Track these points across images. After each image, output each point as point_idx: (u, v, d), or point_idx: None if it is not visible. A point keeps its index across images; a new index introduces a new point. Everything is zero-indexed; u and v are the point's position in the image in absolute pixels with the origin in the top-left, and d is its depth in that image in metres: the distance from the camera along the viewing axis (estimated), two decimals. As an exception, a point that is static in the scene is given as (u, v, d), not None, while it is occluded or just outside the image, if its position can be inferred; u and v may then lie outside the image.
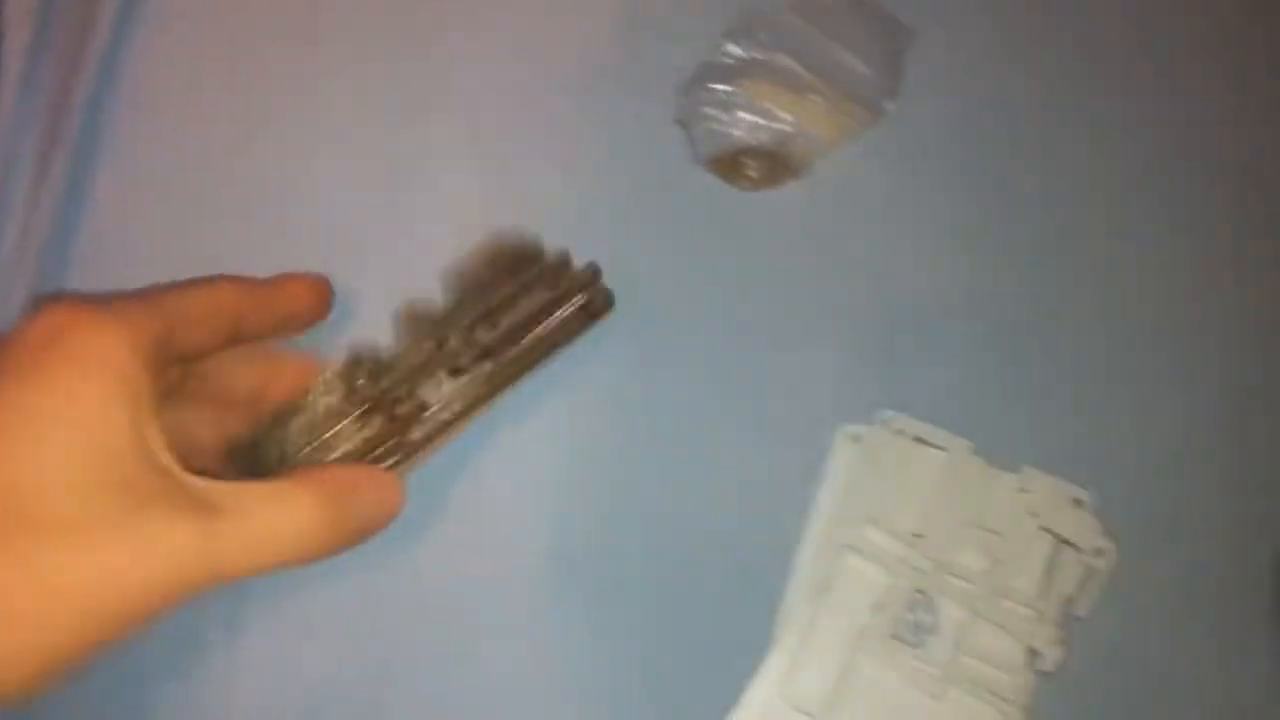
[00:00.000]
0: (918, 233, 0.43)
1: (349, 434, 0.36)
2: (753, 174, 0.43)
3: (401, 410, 0.36)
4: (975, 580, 0.37)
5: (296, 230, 0.42)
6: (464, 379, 0.37)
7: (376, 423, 0.36)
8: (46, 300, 0.30)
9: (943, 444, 0.38)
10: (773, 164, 0.43)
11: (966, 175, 0.43)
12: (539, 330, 0.38)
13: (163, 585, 0.28)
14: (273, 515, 0.30)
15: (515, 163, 0.43)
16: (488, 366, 0.37)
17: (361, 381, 0.36)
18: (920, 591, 0.37)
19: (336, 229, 0.42)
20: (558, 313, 0.38)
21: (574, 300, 0.39)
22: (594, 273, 0.39)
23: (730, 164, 0.43)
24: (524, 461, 0.40)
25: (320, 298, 0.37)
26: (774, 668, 0.36)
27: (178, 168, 0.44)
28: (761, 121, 0.43)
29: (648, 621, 0.38)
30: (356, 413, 0.36)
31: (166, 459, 0.30)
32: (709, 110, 0.43)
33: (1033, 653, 0.36)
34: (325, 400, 0.36)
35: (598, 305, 0.39)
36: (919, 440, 0.39)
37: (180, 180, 0.43)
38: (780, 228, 0.43)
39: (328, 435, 0.36)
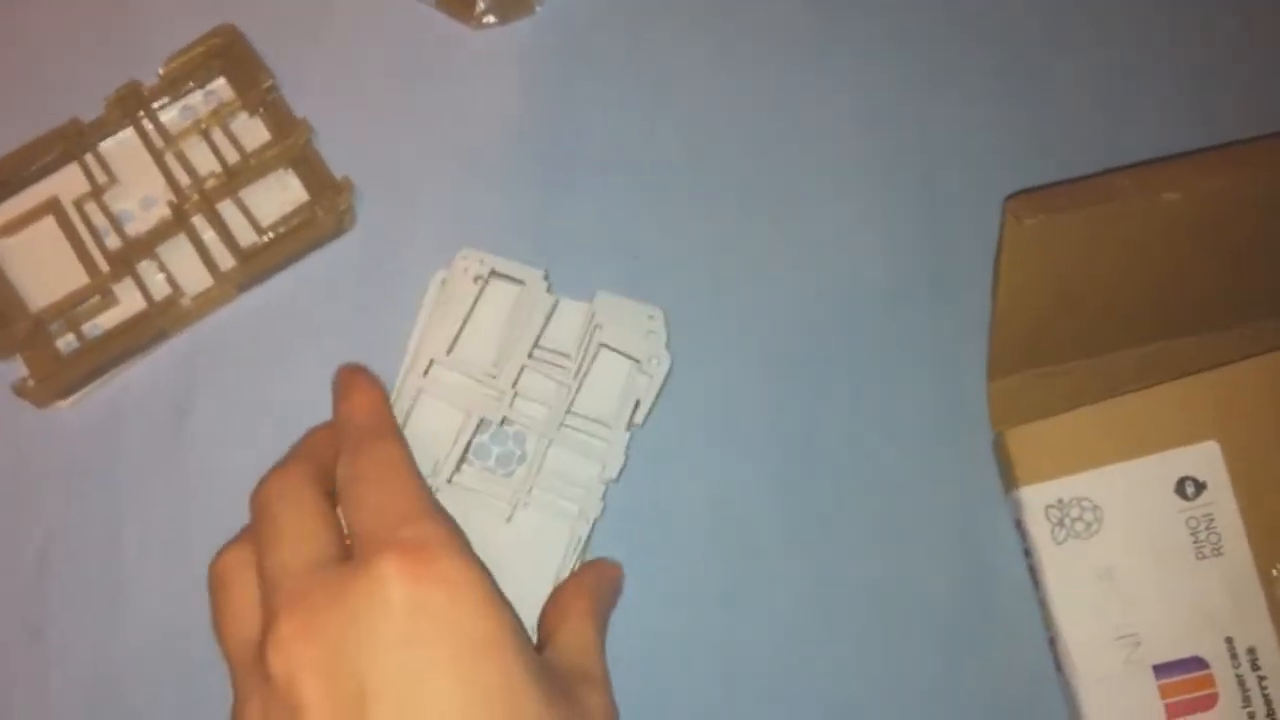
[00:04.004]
0: (647, 69, 0.43)
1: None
2: (483, 10, 0.43)
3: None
4: (549, 404, 0.38)
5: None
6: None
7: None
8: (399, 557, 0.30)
9: (519, 276, 0.38)
10: (502, -3, 0.43)
11: (700, 12, 0.43)
12: (289, 242, 0.40)
13: None
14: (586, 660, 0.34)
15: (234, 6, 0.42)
16: (235, 264, 0.40)
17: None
18: (505, 422, 0.38)
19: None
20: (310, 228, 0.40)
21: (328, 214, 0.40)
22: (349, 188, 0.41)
23: (461, 0, 0.43)
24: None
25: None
26: None
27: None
28: (486, -46, 0.42)
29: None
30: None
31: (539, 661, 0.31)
32: (435, -56, 0.43)
33: (600, 465, 0.38)
34: None
35: (346, 223, 0.41)
36: (496, 274, 0.39)
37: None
38: (512, 64, 0.43)
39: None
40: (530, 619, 0.37)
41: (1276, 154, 0.38)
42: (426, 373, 0.38)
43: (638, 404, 0.38)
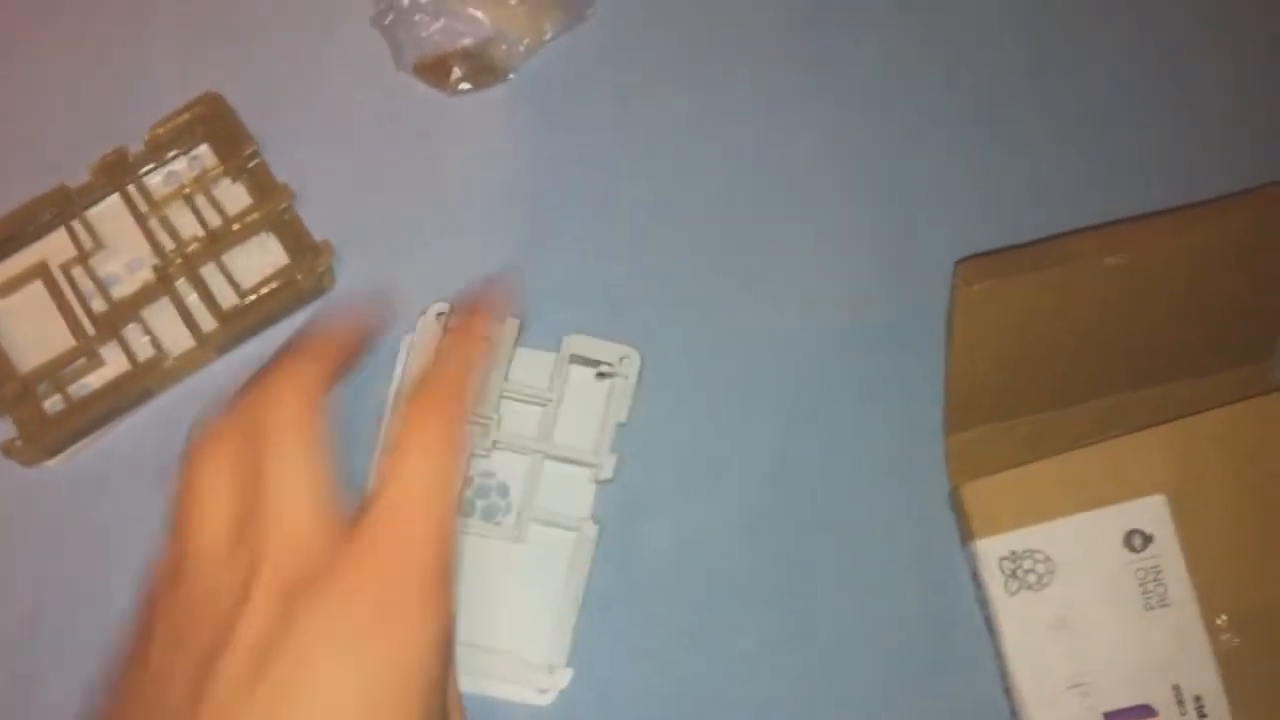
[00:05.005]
0: (619, 132, 0.45)
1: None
2: (459, 77, 0.44)
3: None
4: (534, 439, 0.40)
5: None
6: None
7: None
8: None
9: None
10: (477, 66, 0.44)
11: (665, 75, 0.45)
12: (269, 304, 0.42)
13: None
14: None
15: (221, 69, 0.44)
16: (217, 326, 0.41)
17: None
18: (488, 475, 0.41)
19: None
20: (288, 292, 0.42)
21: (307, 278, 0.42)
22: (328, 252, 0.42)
23: (437, 68, 0.44)
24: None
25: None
26: None
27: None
28: (460, 26, 0.44)
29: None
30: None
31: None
32: (412, 16, 0.44)
33: (594, 469, 0.40)
34: None
35: (325, 284, 0.43)
36: None
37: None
38: (486, 129, 0.44)
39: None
40: (541, 647, 0.39)
41: (1216, 217, 0.40)
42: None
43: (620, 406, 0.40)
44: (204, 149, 0.43)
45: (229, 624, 0.29)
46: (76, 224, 0.42)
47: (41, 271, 0.42)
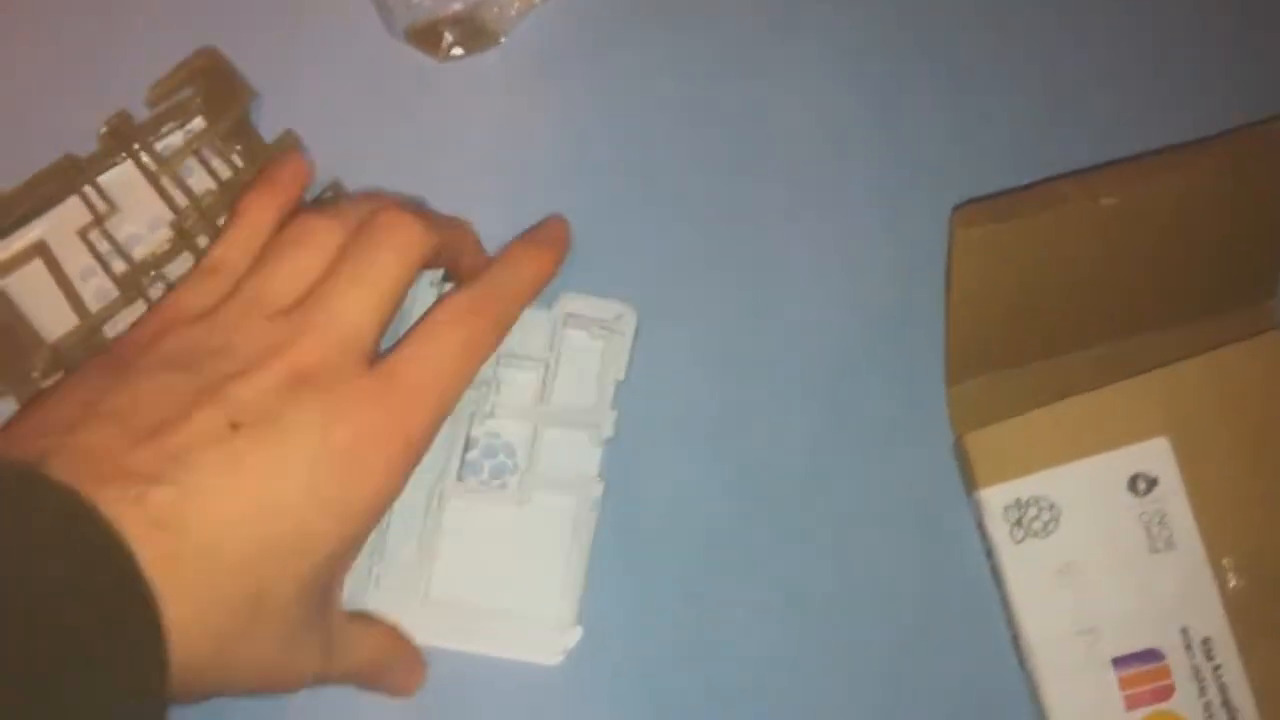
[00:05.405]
0: (611, 95, 0.44)
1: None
2: (450, 42, 0.44)
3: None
4: (533, 399, 0.40)
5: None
6: None
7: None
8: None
9: None
10: (469, 30, 0.44)
11: (661, 36, 0.45)
12: None
13: (260, 689, 0.32)
14: (352, 662, 0.35)
15: (207, 36, 0.44)
16: None
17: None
18: (494, 435, 0.40)
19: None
20: None
21: None
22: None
23: (429, 34, 0.44)
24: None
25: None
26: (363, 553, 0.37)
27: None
28: (449, -12, 0.44)
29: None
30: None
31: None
32: (401, -21, 0.44)
33: (595, 427, 0.40)
34: None
35: None
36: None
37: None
38: (478, 94, 0.44)
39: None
40: (549, 607, 0.39)
41: (1211, 156, 0.39)
42: None
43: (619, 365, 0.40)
44: (200, 104, 0.43)
45: (230, 378, 0.31)
46: (89, 189, 0.42)
47: (57, 239, 0.42)
